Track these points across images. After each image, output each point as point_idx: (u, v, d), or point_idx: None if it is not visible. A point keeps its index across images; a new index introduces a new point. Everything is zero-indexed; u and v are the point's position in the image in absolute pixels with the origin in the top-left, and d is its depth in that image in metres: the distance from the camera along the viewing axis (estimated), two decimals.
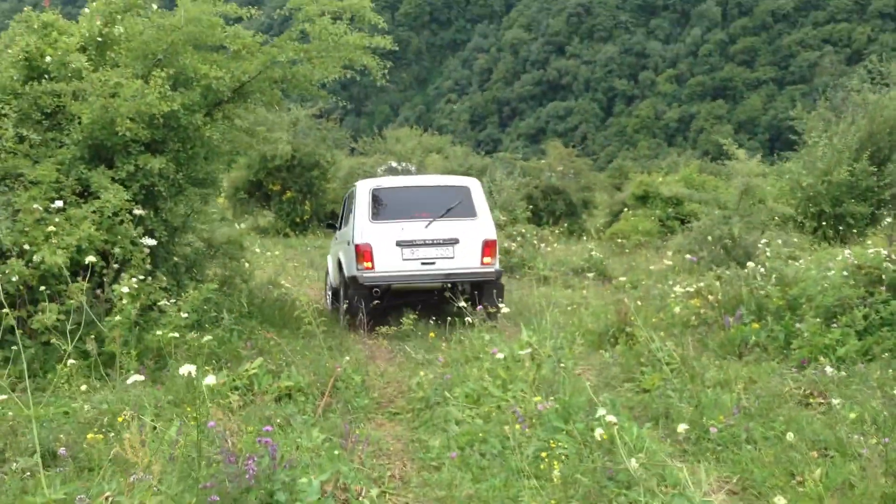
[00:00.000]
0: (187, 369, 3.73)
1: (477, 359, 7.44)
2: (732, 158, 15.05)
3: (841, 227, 17.36)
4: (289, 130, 26.66)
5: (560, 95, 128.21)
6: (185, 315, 7.20)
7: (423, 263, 10.51)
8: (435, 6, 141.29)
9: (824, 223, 17.60)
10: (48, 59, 8.36)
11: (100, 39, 8.71)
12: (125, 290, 6.88)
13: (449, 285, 10.42)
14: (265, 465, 4.13)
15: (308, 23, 9.14)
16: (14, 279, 6.76)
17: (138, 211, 7.56)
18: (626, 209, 25.63)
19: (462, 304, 8.78)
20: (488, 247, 10.64)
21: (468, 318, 8.58)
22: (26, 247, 6.93)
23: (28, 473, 4.50)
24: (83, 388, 5.95)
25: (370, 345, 9.70)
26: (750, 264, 9.01)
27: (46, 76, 8.40)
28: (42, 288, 6.95)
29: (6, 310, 6.57)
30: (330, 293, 12.53)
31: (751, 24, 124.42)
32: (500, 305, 9.67)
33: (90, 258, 7.20)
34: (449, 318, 9.45)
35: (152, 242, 7.66)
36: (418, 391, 7.00)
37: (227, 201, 29.04)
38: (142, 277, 7.46)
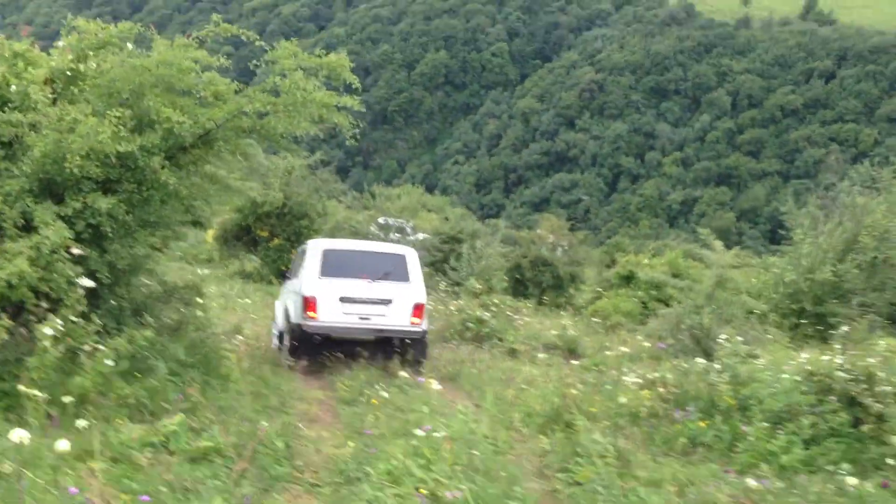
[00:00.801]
0: (18, 435, 3.50)
1: (410, 433, 7.18)
2: (709, 248, 14.95)
3: (821, 327, 17.11)
4: (282, 178, 26.68)
5: (567, 167, 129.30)
6: (111, 362, 6.96)
7: (360, 318, 11.81)
8: (451, 69, 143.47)
9: (804, 321, 17.37)
10: (13, 88, 8.29)
11: (69, 74, 8.65)
12: (48, 331, 6.67)
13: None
14: None
15: (280, 76, 9.09)
16: None
17: (76, 250, 7.36)
18: (611, 287, 25.49)
19: (403, 373, 8.63)
20: (417, 309, 11.97)
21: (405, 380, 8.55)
22: None
23: None
24: None
25: (309, 407, 9.42)
26: (699, 360, 8.81)
27: (9, 105, 8.31)
28: None
29: None
30: (276, 335, 13.46)
31: (759, 116, 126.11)
32: (423, 360, 11.78)
33: (22, 295, 7.05)
34: (398, 380, 9.41)
35: (90, 283, 7.46)
36: (340, 463, 6.74)
37: (214, 243, 29.03)
38: (74, 319, 7.25)
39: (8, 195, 7.69)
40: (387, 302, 11.85)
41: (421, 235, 33.03)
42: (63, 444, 4.01)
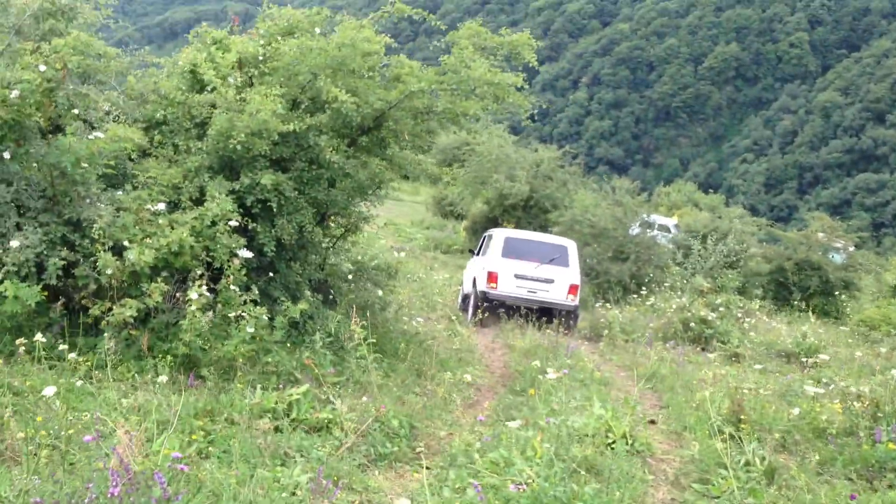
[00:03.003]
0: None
1: (536, 424, 6.76)
2: None
3: None
4: (530, 171, 26.72)
5: (873, 167, 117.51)
6: (251, 330, 7.23)
7: (528, 291, 15.43)
8: (742, 62, 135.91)
9: None
10: (211, 73, 8.92)
11: (260, 58, 9.14)
12: (194, 296, 7.05)
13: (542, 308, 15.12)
14: (140, 494, 3.93)
15: (449, 55, 8.98)
16: (109, 272, 7.15)
17: (234, 222, 7.74)
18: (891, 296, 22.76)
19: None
20: (573, 288, 15.45)
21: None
22: (126, 243, 7.32)
23: None
24: (78, 382, 6.09)
25: (475, 393, 9.23)
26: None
27: (207, 89, 8.95)
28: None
29: (94, 301, 7.05)
30: (461, 299, 17.46)
31: None
32: (575, 326, 15.12)
33: (185, 263, 7.54)
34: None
35: (248, 254, 7.80)
36: (453, 449, 6.48)
37: (465, 233, 29.76)
38: (234, 288, 7.62)
39: (189, 171, 8.28)
40: (550, 281, 15.40)
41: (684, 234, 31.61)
42: (49, 391, 4.15)
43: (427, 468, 6.40)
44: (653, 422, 8.82)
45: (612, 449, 6.70)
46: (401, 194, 49.60)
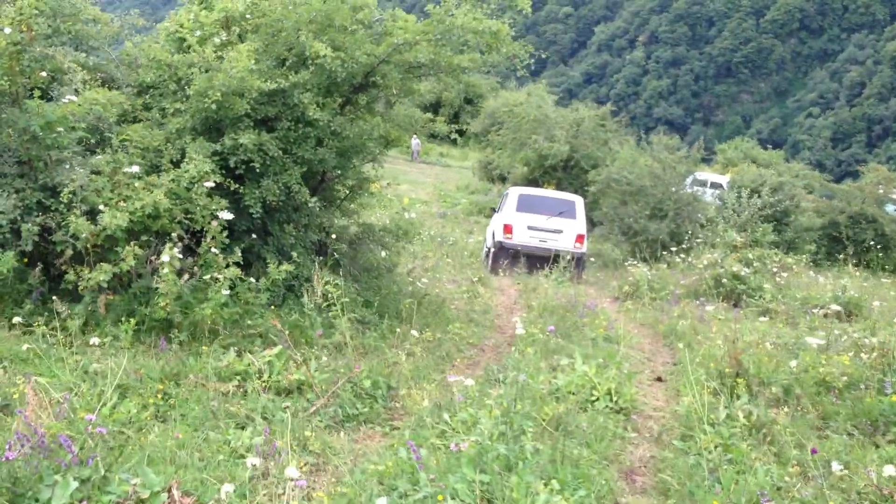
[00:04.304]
0: None
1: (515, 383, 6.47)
2: None
3: None
4: (569, 130, 26.11)
5: None
6: (227, 293, 7.08)
7: (540, 241, 16.93)
8: (807, 13, 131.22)
9: None
10: (197, 33, 8.75)
11: (248, 16, 8.93)
12: (165, 258, 6.92)
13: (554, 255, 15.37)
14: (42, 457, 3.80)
15: (432, 3, 8.62)
16: (83, 236, 7.06)
17: (210, 183, 7.56)
18: None
19: None
20: (579, 237, 17.10)
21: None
22: (101, 207, 7.20)
23: None
24: (25, 347, 6.01)
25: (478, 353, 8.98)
26: None
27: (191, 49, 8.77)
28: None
29: (73, 266, 6.97)
30: (485, 252, 18.85)
31: None
32: (583, 271, 16.61)
33: (163, 226, 7.42)
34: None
35: (229, 216, 7.62)
36: (426, 409, 6.25)
37: None
38: (215, 251, 7.46)
39: (171, 133, 8.13)
40: (559, 231, 17.04)
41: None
42: None
43: (396, 428, 6.22)
44: (660, 379, 8.49)
45: (594, 406, 6.41)
46: (448, 160, 49.36)
